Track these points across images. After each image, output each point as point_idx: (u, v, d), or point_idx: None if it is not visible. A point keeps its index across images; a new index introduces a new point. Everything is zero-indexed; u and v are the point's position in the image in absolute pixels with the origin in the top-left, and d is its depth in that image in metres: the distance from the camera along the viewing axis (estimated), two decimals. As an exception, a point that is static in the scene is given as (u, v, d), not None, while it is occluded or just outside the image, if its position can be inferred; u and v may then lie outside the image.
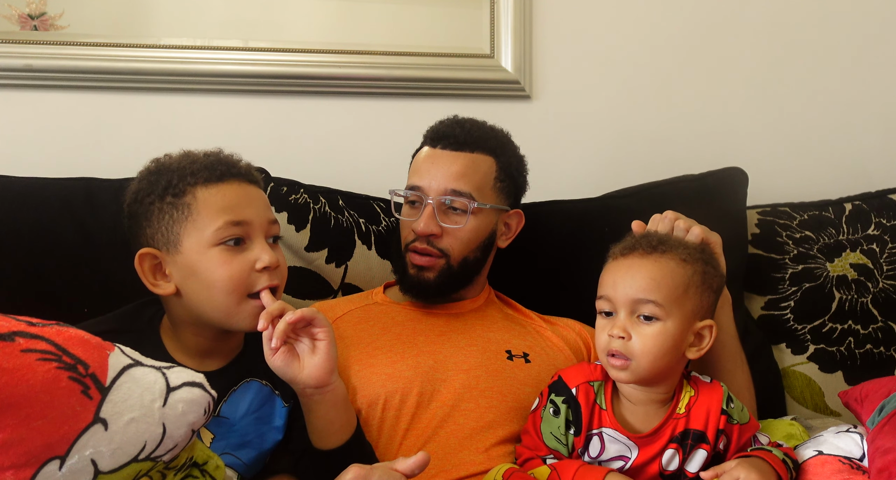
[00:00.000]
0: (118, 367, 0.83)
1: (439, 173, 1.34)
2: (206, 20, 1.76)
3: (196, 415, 0.86)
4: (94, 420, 0.79)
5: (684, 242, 1.16)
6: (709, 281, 1.12)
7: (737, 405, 1.15)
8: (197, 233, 1.06)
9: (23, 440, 0.74)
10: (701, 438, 1.11)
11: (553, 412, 1.13)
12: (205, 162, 1.10)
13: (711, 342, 1.12)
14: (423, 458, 0.99)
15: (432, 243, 1.34)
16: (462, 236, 1.34)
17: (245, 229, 1.08)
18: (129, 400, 0.81)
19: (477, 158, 1.36)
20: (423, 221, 1.33)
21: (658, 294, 1.07)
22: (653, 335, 1.07)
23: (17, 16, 1.70)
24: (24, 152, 1.66)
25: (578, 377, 1.14)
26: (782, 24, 1.95)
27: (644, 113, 1.91)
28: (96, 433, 0.78)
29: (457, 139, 1.36)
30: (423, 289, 1.35)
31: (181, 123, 1.76)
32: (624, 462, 1.11)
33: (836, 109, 1.96)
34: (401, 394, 1.24)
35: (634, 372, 1.09)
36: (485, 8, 1.83)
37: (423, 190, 1.35)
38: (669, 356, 1.09)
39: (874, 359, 1.60)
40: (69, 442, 0.77)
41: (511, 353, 1.32)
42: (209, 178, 1.08)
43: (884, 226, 1.67)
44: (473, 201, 1.33)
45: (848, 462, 1.08)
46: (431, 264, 1.34)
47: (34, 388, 0.75)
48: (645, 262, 1.10)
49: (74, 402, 0.78)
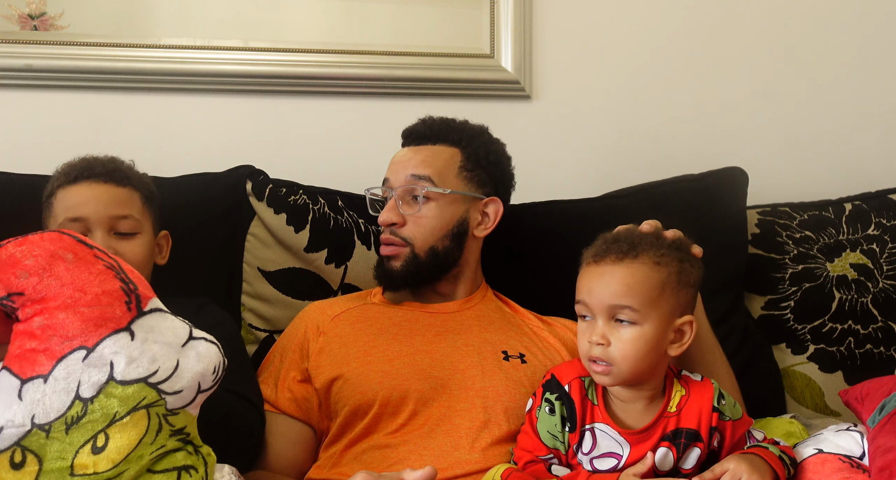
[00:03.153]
0: (155, 305, 0.95)
1: (401, 166, 1.39)
2: (206, 20, 1.76)
3: (204, 368, 0.94)
4: (125, 328, 0.90)
5: (658, 241, 1.14)
6: (685, 278, 1.12)
7: (728, 402, 1.15)
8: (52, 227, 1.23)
9: (63, 324, 0.88)
10: (695, 437, 1.12)
11: (549, 411, 1.13)
12: (72, 166, 1.28)
13: (692, 336, 1.12)
14: (431, 472, 0.99)
15: (395, 232, 1.37)
16: (424, 223, 1.37)
17: (83, 224, 1.23)
18: (156, 329, 0.93)
19: (437, 149, 1.41)
20: (384, 211, 1.38)
21: (633, 300, 1.08)
22: (631, 339, 1.08)
23: (17, 16, 1.70)
24: (24, 152, 1.66)
25: (570, 374, 1.15)
26: (782, 24, 1.95)
27: (644, 113, 1.91)
28: (123, 338, 0.90)
29: (419, 134, 1.43)
30: (390, 278, 1.38)
31: (181, 123, 1.76)
32: (617, 460, 1.11)
33: (835, 108, 1.96)
34: (398, 393, 1.24)
35: (616, 377, 1.10)
36: (485, 8, 1.83)
37: (390, 183, 1.40)
38: (650, 358, 1.10)
39: (874, 359, 1.60)
40: (100, 337, 0.89)
41: (507, 354, 1.32)
42: (65, 181, 1.27)
43: (884, 226, 1.67)
44: (432, 185, 1.36)
45: (848, 460, 1.08)
46: (396, 253, 1.37)
47: (93, 281, 0.90)
48: (617, 268, 1.10)
49: (117, 307, 0.91)
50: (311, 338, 1.34)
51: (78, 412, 0.88)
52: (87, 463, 0.88)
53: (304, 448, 1.30)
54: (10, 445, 0.87)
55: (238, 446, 1.21)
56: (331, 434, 1.28)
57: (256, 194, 1.55)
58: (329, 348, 1.32)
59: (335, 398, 1.27)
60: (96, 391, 0.88)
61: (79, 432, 0.88)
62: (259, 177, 1.58)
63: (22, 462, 0.87)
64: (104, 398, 0.89)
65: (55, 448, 0.88)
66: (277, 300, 1.52)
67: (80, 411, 0.88)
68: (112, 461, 0.88)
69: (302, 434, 1.30)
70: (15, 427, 0.87)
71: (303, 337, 1.35)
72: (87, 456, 0.88)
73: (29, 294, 0.89)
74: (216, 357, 0.96)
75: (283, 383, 1.32)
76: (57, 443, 0.88)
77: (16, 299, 0.90)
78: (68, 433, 0.88)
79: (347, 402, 1.25)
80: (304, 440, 1.31)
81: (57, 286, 0.89)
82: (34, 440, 0.87)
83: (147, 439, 0.91)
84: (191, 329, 0.96)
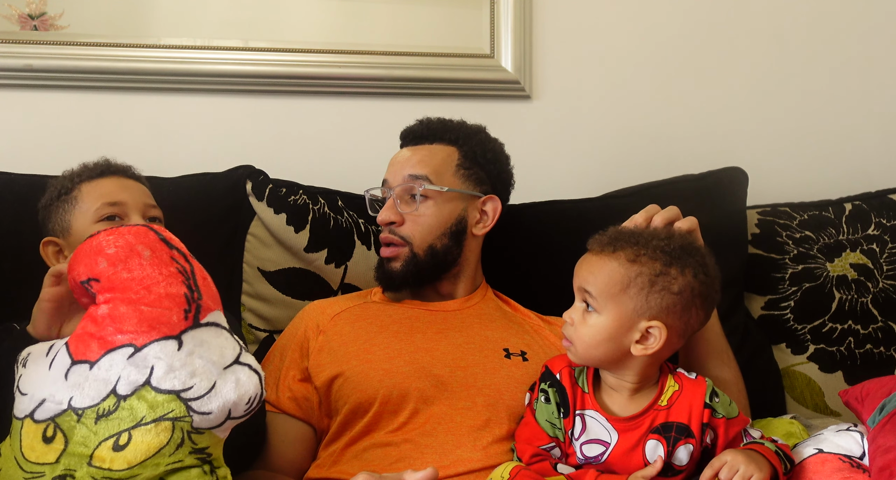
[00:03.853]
0: (215, 318, 0.96)
1: (398, 165, 1.41)
2: (206, 20, 1.76)
3: (238, 397, 0.94)
4: (175, 336, 0.92)
5: (648, 241, 1.14)
6: (664, 283, 1.11)
7: (723, 400, 1.16)
8: (82, 216, 1.29)
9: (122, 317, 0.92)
10: (685, 432, 1.13)
11: (545, 400, 1.17)
12: (86, 166, 1.35)
13: (661, 343, 1.12)
14: (432, 473, 0.99)
15: (394, 231, 1.38)
16: (422, 222, 1.37)
17: (121, 208, 1.29)
18: (205, 343, 0.94)
19: (434, 148, 1.42)
20: (383, 210, 1.39)
21: (594, 287, 1.13)
22: (588, 324, 1.14)
23: (17, 16, 1.70)
24: (24, 152, 1.66)
25: (561, 363, 1.20)
26: (782, 23, 1.95)
27: (644, 113, 1.91)
28: (170, 346, 0.92)
29: (416, 134, 1.45)
30: (391, 279, 1.39)
31: (181, 123, 1.76)
32: (604, 447, 1.13)
33: (836, 108, 1.96)
34: (399, 391, 1.24)
35: (575, 355, 1.17)
36: (485, 8, 1.83)
37: (388, 183, 1.42)
38: (605, 347, 1.13)
39: (874, 359, 1.60)
40: (149, 339, 0.92)
41: (509, 351, 1.33)
42: (91, 175, 1.33)
43: (884, 226, 1.67)
44: (429, 183, 1.37)
45: (848, 460, 1.08)
46: (396, 254, 1.38)
47: (161, 282, 0.93)
48: (592, 258, 1.16)
49: (175, 312, 0.93)
50: (311, 337, 1.34)
51: (110, 406, 0.91)
52: (105, 457, 0.90)
53: (304, 448, 1.30)
54: (46, 418, 0.92)
55: (247, 446, 1.23)
56: (331, 433, 1.28)
57: (256, 194, 1.55)
58: (329, 346, 1.32)
59: (335, 396, 1.27)
60: (131, 390, 0.91)
61: (106, 425, 0.91)
62: (259, 177, 1.58)
63: (52, 437, 0.92)
64: (136, 399, 0.91)
65: (82, 434, 0.91)
66: (277, 300, 1.52)
67: (113, 406, 0.91)
68: (128, 462, 0.90)
69: (302, 434, 1.30)
70: (55, 402, 0.92)
71: (303, 336, 1.35)
72: (107, 451, 0.90)
73: (103, 282, 0.95)
74: (254, 389, 0.95)
75: (283, 382, 1.32)
76: (84, 430, 0.91)
77: (94, 284, 0.96)
78: (97, 423, 0.91)
79: (348, 400, 1.25)
80: (305, 439, 1.31)
81: (127, 280, 0.93)
82: (66, 420, 0.92)
83: (167, 450, 0.91)
84: (240, 352, 0.97)
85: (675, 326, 1.13)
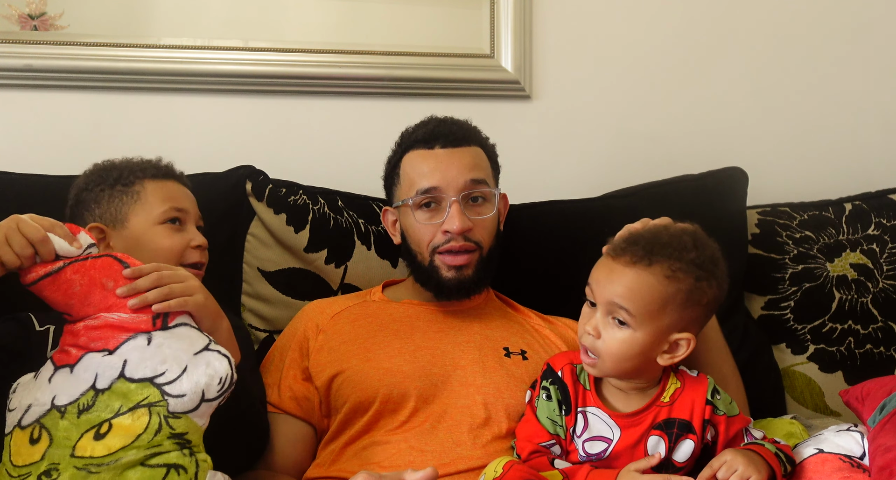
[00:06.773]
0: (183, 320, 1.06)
1: (453, 170, 1.34)
2: (206, 20, 1.76)
3: (209, 379, 0.99)
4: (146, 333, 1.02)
5: (679, 254, 1.12)
6: (696, 297, 1.11)
7: (724, 398, 1.17)
8: (145, 213, 1.29)
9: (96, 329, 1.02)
10: (687, 427, 1.13)
11: (546, 397, 1.17)
12: (150, 163, 1.36)
13: (687, 353, 1.13)
14: (432, 473, 0.99)
15: (468, 237, 1.34)
16: (488, 226, 1.37)
17: (183, 214, 1.32)
18: (175, 336, 1.03)
19: (473, 150, 1.40)
20: (458, 219, 1.32)
21: (632, 305, 1.09)
22: (620, 339, 1.10)
23: (17, 16, 1.70)
24: (24, 152, 1.66)
25: (563, 361, 1.20)
26: (782, 23, 1.95)
27: (644, 113, 1.91)
28: (141, 341, 1.01)
29: (455, 136, 1.38)
30: (464, 288, 1.35)
31: (181, 123, 1.76)
32: (606, 444, 1.13)
33: (836, 108, 1.96)
34: (399, 389, 1.24)
35: (600, 369, 1.14)
36: (485, 8, 1.83)
37: (442, 190, 1.34)
38: (635, 361, 1.12)
39: (874, 359, 1.60)
40: (120, 342, 1.01)
41: (509, 350, 1.33)
42: (156, 174, 1.34)
43: (884, 226, 1.67)
44: (487, 187, 1.36)
45: (848, 460, 1.08)
46: (469, 261, 1.34)
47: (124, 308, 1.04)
48: (628, 270, 1.11)
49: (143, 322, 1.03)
50: (311, 336, 1.34)
51: (89, 400, 0.98)
52: (86, 446, 0.96)
53: (304, 447, 1.30)
54: (32, 421, 0.99)
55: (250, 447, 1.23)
56: (330, 431, 1.28)
57: (256, 194, 1.55)
58: (329, 345, 1.32)
59: (335, 395, 1.28)
60: (108, 384, 0.99)
61: (87, 418, 0.98)
62: (259, 177, 1.57)
63: (38, 438, 0.98)
64: (113, 391, 0.99)
65: (65, 427, 0.98)
66: (277, 301, 1.52)
67: (91, 399, 0.98)
68: (109, 448, 0.96)
69: (303, 433, 1.30)
70: (39, 405, 1.00)
71: (302, 336, 1.35)
72: (89, 441, 0.97)
73: (73, 315, 1.05)
74: (224, 370, 1.01)
75: (284, 382, 1.32)
76: (66, 423, 0.98)
77: (67, 317, 1.06)
78: (79, 417, 0.98)
79: (348, 399, 1.26)
80: (305, 438, 1.31)
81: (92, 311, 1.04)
82: (50, 419, 0.98)
83: (146, 436, 0.97)
84: (209, 343, 1.04)
85: (697, 332, 1.15)
